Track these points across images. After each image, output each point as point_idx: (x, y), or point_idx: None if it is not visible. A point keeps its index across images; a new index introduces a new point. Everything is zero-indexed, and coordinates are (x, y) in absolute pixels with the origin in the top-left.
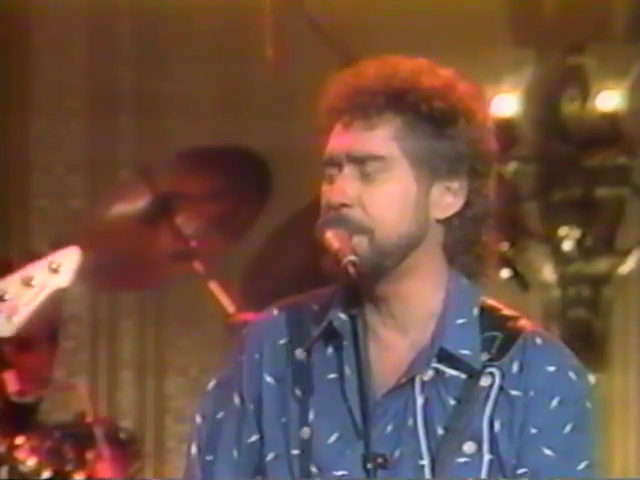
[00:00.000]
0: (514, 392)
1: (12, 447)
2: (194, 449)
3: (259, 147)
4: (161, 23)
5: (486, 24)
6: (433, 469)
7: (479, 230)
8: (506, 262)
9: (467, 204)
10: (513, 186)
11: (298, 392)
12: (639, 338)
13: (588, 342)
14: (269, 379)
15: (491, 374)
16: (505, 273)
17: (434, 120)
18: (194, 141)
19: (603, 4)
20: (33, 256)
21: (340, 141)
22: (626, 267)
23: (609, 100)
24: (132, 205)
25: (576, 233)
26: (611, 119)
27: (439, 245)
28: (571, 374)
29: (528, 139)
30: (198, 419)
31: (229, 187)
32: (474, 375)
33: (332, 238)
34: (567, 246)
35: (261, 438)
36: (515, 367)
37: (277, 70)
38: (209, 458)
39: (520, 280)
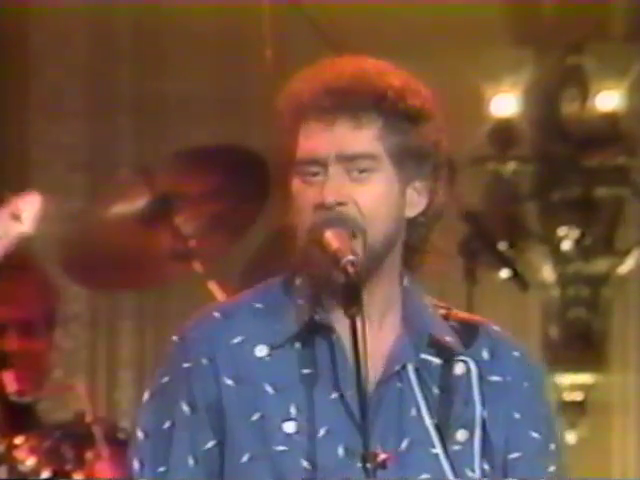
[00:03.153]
0: (494, 378)
1: (11, 447)
2: (136, 464)
3: (259, 147)
4: (161, 23)
5: (486, 24)
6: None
7: (433, 228)
8: (505, 262)
9: (429, 203)
10: (513, 186)
11: (269, 389)
12: (638, 338)
13: (587, 342)
14: (229, 381)
15: (464, 362)
16: (504, 273)
17: (409, 119)
18: (194, 141)
19: (603, 4)
20: None
21: (325, 140)
22: (625, 267)
23: (608, 100)
24: (132, 205)
25: (575, 233)
26: (610, 119)
27: (402, 243)
28: (528, 358)
29: (527, 139)
30: (140, 435)
31: (229, 187)
32: (451, 363)
33: (331, 238)
34: (566, 246)
35: (219, 443)
36: (486, 354)
37: (277, 70)
38: (161, 469)
39: (519, 280)
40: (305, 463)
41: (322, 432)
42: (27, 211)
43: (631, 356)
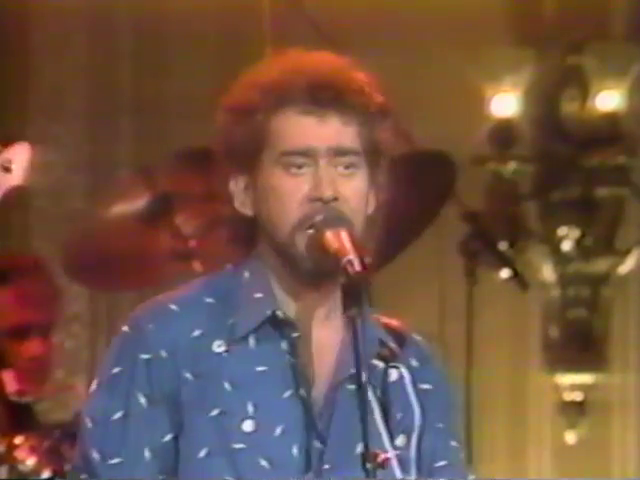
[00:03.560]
0: (425, 386)
1: (11, 446)
2: (96, 455)
3: None
4: (161, 23)
5: (486, 24)
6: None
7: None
8: (505, 262)
9: (377, 202)
10: (513, 186)
11: (227, 385)
12: (639, 338)
13: (587, 342)
14: (188, 375)
15: (396, 368)
16: (505, 273)
17: (379, 117)
18: (194, 141)
19: (603, 4)
20: None
21: (318, 133)
22: (625, 267)
23: (609, 100)
24: (132, 205)
25: (575, 233)
26: (611, 119)
27: None
28: (444, 367)
29: (528, 139)
30: (88, 423)
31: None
32: (386, 369)
33: (332, 238)
34: (566, 246)
35: (175, 438)
36: (414, 362)
37: None
38: (114, 461)
39: (519, 280)
40: (263, 462)
41: (278, 431)
42: (17, 162)
43: (631, 356)
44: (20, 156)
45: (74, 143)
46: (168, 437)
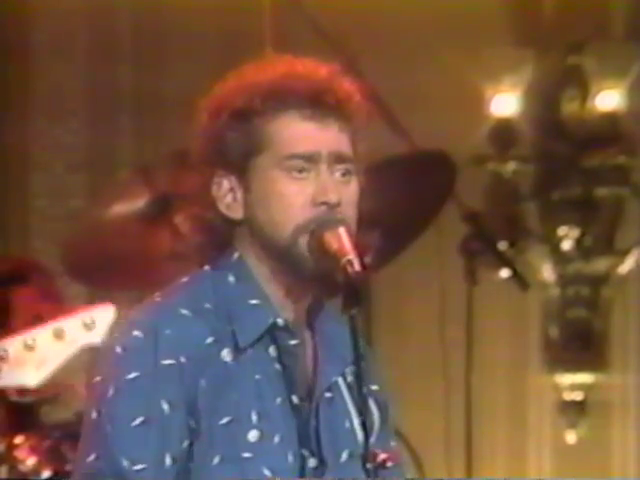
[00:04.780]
0: (374, 387)
1: (12, 446)
2: (126, 462)
3: None
4: (161, 23)
5: (486, 24)
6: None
7: None
8: (505, 262)
9: None
10: (513, 186)
11: (234, 394)
12: (638, 338)
13: (587, 342)
14: (203, 382)
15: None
16: (504, 273)
17: (363, 125)
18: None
19: (603, 4)
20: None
21: (319, 138)
22: (625, 267)
23: (609, 100)
24: (131, 205)
25: (575, 233)
26: (611, 119)
27: None
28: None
29: (528, 139)
30: (110, 429)
31: None
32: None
33: (331, 239)
34: (566, 246)
35: (191, 443)
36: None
37: None
38: (139, 467)
39: (519, 280)
40: (266, 471)
41: (277, 439)
42: (99, 321)
43: (631, 356)
44: (103, 316)
45: (74, 143)
46: (186, 443)
